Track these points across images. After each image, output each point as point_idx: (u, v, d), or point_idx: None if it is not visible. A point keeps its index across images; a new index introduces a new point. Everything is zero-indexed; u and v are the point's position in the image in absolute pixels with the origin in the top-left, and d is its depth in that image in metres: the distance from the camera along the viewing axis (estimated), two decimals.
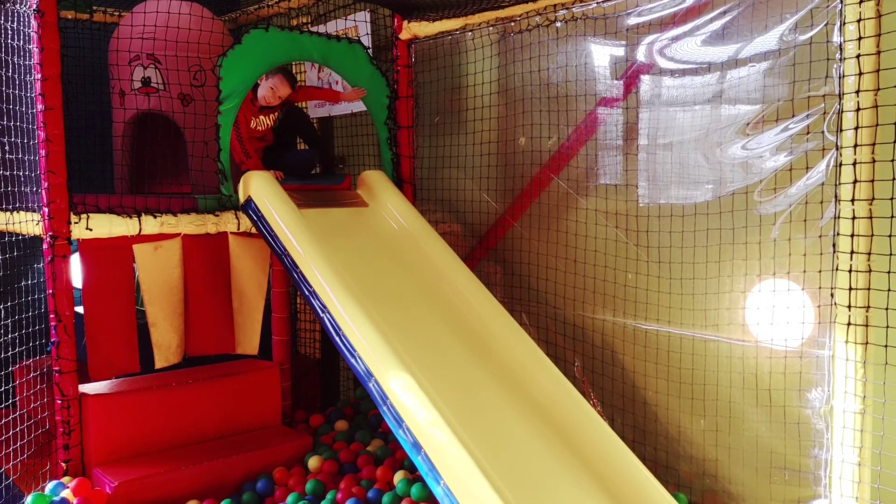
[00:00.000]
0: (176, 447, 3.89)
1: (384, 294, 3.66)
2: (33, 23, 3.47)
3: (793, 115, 3.06)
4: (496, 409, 3.30)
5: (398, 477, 3.67)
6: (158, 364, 4.01)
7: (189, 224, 3.99)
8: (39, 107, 3.51)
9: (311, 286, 3.54)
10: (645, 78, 3.65)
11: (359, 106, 5.05)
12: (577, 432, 3.23)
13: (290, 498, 3.58)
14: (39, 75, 3.48)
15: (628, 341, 3.78)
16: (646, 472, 3.03)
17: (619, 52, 3.75)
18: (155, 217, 3.87)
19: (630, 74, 3.69)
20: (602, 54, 3.82)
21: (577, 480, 3.07)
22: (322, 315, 3.47)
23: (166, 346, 4.02)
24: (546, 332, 4.14)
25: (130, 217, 3.79)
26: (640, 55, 3.62)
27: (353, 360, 3.29)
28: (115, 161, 4.95)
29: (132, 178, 4.93)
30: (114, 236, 3.76)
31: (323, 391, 5.31)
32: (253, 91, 4.30)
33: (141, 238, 3.85)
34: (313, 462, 3.93)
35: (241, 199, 4.01)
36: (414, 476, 3.64)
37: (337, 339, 3.38)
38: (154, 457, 3.77)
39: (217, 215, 4.08)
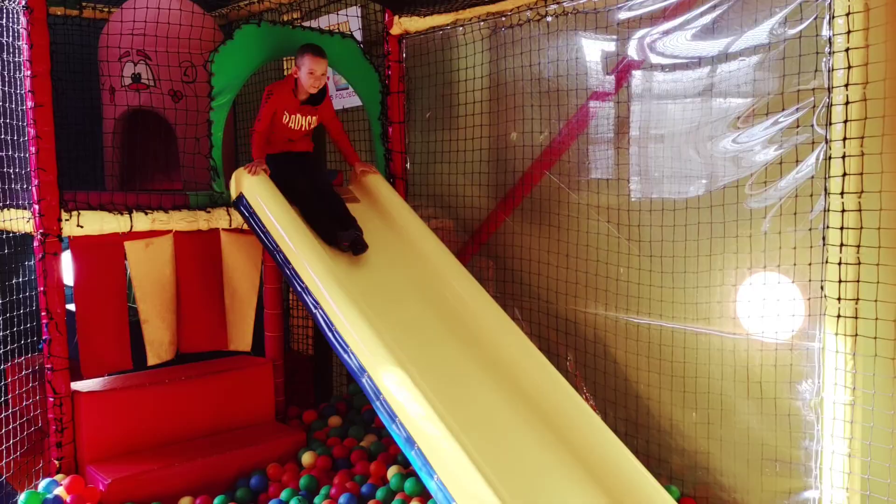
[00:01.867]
0: (169, 444, 3.89)
1: (376, 289, 3.66)
2: (22, 19, 3.45)
3: (783, 109, 3.07)
4: (489, 403, 3.31)
5: (392, 472, 3.68)
6: (151, 361, 4.01)
7: (180, 221, 3.99)
8: (29, 104, 3.49)
9: (303, 282, 3.54)
10: (636, 72, 3.66)
11: (350, 101, 5.04)
12: (569, 426, 3.24)
13: (283, 494, 3.58)
14: (29, 72, 3.46)
15: (620, 335, 3.79)
16: (638, 464, 3.04)
17: (610, 46, 3.75)
18: (146, 214, 3.86)
19: (621, 69, 3.70)
20: (593, 49, 3.83)
21: (570, 474, 3.08)
22: (314, 311, 3.47)
23: (159, 342, 4.02)
24: (538, 327, 4.15)
25: (121, 214, 3.78)
26: (631, 50, 3.63)
27: (345, 356, 3.30)
28: (105, 158, 4.93)
29: (123, 175, 4.91)
30: (105, 233, 3.75)
31: (316, 387, 5.31)
32: (290, 84, 4.00)
33: (132, 235, 3.85)
34: (307, 458, 3.93)
35: (233, 195, 4.00)
36: (407, 471, 3.65)
37: (330, 334, 3.38)
38: (147, 454, 3.76)
39: (208, 212, 4.08)
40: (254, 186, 3.85)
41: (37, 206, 3.54)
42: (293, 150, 4.12)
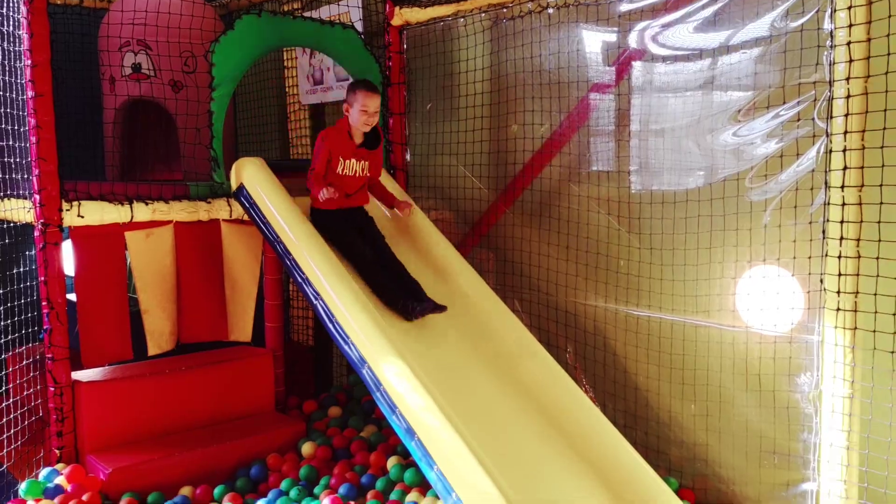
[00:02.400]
0: (169, 434, 3.90)
1: None
2: (23, 8, 3.44)
3: (784, 102, 3.07)
4: (489, 395, 3.32)
5: (391, 462, 3.69)
6: (151, 351, 4.02)
7: (181, 211, 3.99)
8: (29, 93, 3.49)
9: (304, 273, 3.55)
10: (637, 64, 3.65)
11: None
12: (569, 418, 3.25)
13: (283, 484, 3.59)
14: (29, 61, 3.46)
15: (620, 327, 3.80)
16: (637, 456, 3.06)
17: (612, 38, 3.75)
18: (147, 204, 3.86)
19: (622, 61, 3.70)
20: (594, 41, 3.82)
21: (570, 465, 3.09)
22: (315, 302, 3.47)
23: (159, 333, 4.02)
24: (538, 319, 4.16)
25: (122, 204, 3.78)
26: (632, 42, 3.62)
27: (346, 347, 3.31)
28: (106, 148, 4.93)
29: (124, 165, 4.91)
30: (105, 223, 3.75)
31: (316, 378, 5.32)
32: (345, 126, 3.73)
33: (133, 225, 3.85)
34: (307, 448, 3.94)
35: (234, 186, 4.00)
36: (407, 461, 3.66)
37: (330, 325, 3.39)
38: (148, 443, 3.77)
39: (209, 202, 4.08)
40: (254, 177, 3.85)
41: (37, 196, 3.54)
42: (350, 206, 3.80)
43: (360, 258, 3.66)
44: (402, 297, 3.50)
